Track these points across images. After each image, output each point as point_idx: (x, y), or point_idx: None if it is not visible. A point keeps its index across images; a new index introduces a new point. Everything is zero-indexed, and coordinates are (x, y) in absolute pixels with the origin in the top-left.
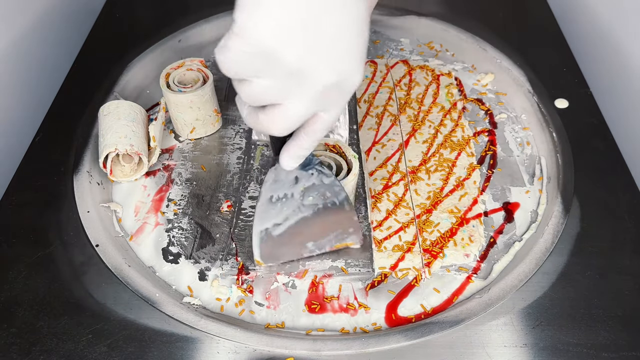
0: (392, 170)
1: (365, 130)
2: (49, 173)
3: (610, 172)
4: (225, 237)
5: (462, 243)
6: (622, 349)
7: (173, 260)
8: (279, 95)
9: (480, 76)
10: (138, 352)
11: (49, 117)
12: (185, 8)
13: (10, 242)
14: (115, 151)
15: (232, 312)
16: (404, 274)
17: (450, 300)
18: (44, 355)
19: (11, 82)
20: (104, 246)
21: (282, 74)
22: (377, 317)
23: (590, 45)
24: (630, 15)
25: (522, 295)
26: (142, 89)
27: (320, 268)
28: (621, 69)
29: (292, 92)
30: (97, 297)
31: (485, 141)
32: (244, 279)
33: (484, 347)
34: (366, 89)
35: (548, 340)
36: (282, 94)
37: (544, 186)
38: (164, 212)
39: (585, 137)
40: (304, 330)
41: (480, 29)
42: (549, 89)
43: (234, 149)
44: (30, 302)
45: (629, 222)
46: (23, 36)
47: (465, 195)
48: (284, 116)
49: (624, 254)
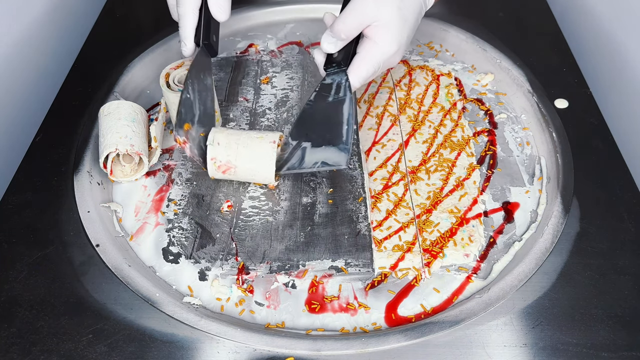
0: (392, 170)
1: (365, 130)
2: (49, 173)
3: (610, 172)
4: (225, 237)
5: (462, 243)
6: (622, 348)
7: (173, 260)
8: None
9: (480, 76)
10: (138, 352)
11: (49, 117)
12: None
13: (10, 242)
14: (116, 151)
15: (232, 312)
16: (404, 273)
17: (450, 300)
18: (44, 355)
19: (12, 82)
20: (104, 246)
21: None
22: (377, 317)
23: (590, 45)
24: (630, 15)
25: (522, 295)
26: (143, 89)
27: (320, 268)
28: (621, 69)
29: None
30: (97, 297)
31: (485, 141)
32: (244, 279)
33: (484, 347)
34: (366, 89)
35: (548, 340)
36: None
37: (544, 186)
38: (164, 212)
39: (585, 137)
40: (304, 330)
41: (480, 29)
42: (549, 89)
43: None
44: (30, 302)
45: (629, 222)
46: (23, 36)
47: (465, 195)
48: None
49: (624, 254)
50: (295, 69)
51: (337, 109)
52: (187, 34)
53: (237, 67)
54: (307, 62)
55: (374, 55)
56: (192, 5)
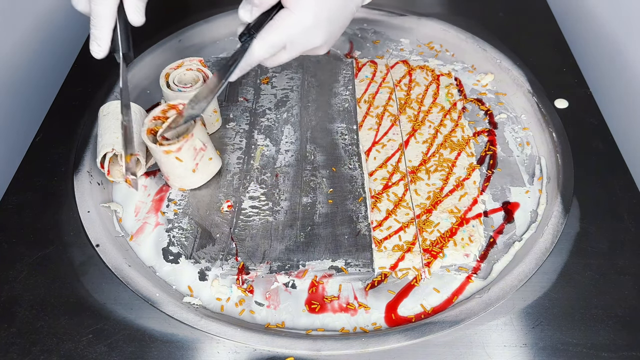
0: (392, 170)
1: (365, 130)
2: (49, 173)
3: (610, 172)
4: (225, 237)
5: (462, 243)
6: (622, 348)
7: (173, 260)
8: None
9: (480, 76)
10: (138, 352)
11: (49, 117)
12: (185, 8)
13: (10, 242)
14: (113, 151)
15: (232, 312)
16: (404, 273)
17: (450, 300)
18: (44, 355)
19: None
20: (104, 246)
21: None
22: (377, 317)
23: (590, 45)
24: (630, 16)
25: (522, 295)
26: (142, 89)
27: (320, 268)
28: (621, 69)
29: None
30: (97, 297)
31: (485, 141)
32: (244, 279)
33: (484, 347)
34: (366, 89)
35: (548, 340)
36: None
37: (544, 186)
38: (164, 212)
39: (585, 137)
40: (304, 330)
41: (480, 29)
42: (549, 89)
43: (234, 149)
44: (30, 302)
45: (629, 222)
46: (23, 36)
47: (465, 195)
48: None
49: (624, 254)
50: (295, 69)
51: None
52: (103, 35)
53: None
54: (307, 62)
55: (286, 23)
56: (110, 4)
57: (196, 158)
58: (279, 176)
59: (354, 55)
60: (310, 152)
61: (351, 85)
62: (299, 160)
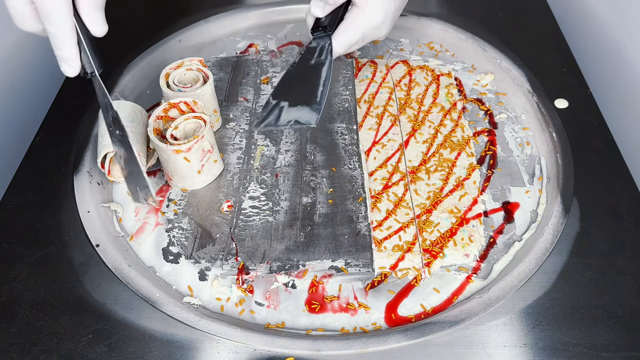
0: (392, 170)
1: (365, 130)
2: (49, 173)
3: (610, 172)
4: (225, 237)
5: (462, 243)
6: (622, 349)
7: (173, 260)
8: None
9: (480, 76)
10: (138, 352)
11: (49, 117)
12: (185, 8)
13: (10, 242)
14: (113, 151)
15: (232, 312)
16: (404, 274)
17: (450, 300)
18: (44, 355)
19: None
20: (104, 246)
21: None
22: (377, 317)
23: (590, 45)
24: (630, 16)
25: (522, 295)
26: (142, 89)
27: (320, 268)
28: (621, 69)
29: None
30: (97, 297)
31: (485, 141)
32: (244, 279)
33: (484, 347)
34: (366, 89)
35: (548, 340)
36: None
37: (544, 186)
38: (164, 212)
39: (585, 137)
40: (304, 330)
41: (480, 29)
42: (549, 89)
43: (234, 149)
44: (30, 302)
45: (629, 222)
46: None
47: (465, 195)
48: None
49: (624, 254)
50: None
51: (316, 71)
52: (70, 54)
53: (237, 67)
54: None
55: (360, 22)
56: (65, 23)
57: (203, 159)
58: (279, 176)
59: (354, 55)
60: (310, 152)
61: (351, 85)
62: (299, 160)
